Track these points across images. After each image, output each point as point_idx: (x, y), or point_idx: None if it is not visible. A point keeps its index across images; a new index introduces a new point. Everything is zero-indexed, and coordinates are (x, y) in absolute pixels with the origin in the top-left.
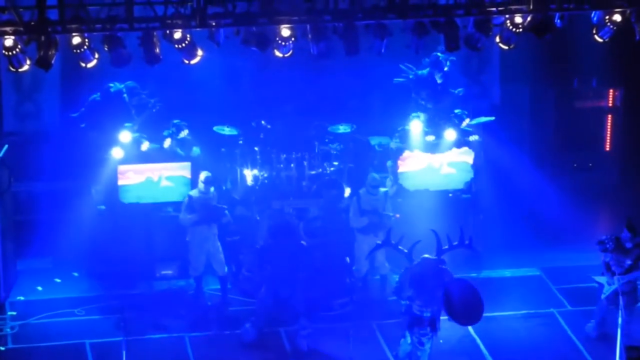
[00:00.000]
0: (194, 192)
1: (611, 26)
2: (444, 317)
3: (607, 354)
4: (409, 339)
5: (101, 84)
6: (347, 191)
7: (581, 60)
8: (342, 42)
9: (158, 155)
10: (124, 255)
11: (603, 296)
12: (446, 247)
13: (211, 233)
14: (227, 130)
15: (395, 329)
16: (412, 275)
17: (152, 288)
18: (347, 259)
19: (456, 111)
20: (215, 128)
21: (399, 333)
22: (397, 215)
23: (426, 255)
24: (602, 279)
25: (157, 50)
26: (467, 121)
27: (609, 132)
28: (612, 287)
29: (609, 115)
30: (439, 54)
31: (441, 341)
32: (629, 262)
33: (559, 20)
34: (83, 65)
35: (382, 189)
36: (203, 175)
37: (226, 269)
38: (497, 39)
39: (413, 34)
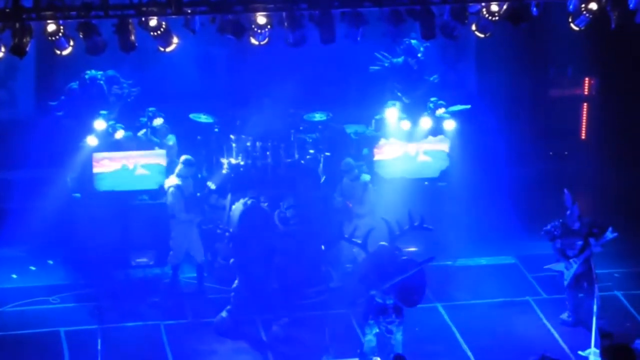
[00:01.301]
0: (175, 181)
1: (587, 14)
2: None
3: (582, 341)
4: (375, 330)
5: (76, 72)
6: (322, 179)
7: (557, 48)
8: (318, 30)
9: (132, 143)
10: (99, 244)
11: (566, 282)
12: (398, 232)
13: (196, 221)
14: (203, 118)
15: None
16: (369, 263)
17: (128, 276)
18: (322, 247)
19: (432, 99)
20: (191, 116)
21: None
22: (350, 204)
23: (382, 243)
24: (559, 266)
25: (133, 37)
26: (442, 110)
27: (584, 121)
28: (572, 270)
29: (585, 104)
30: (412, 40)
31: (417, 329)
32: (579, 242)
33: (535, 9)
34: (58, 52)
35: (366, 177)
36: (183, 157)
37: (203, 254)
38: (473, 27)
39: (389, 22)
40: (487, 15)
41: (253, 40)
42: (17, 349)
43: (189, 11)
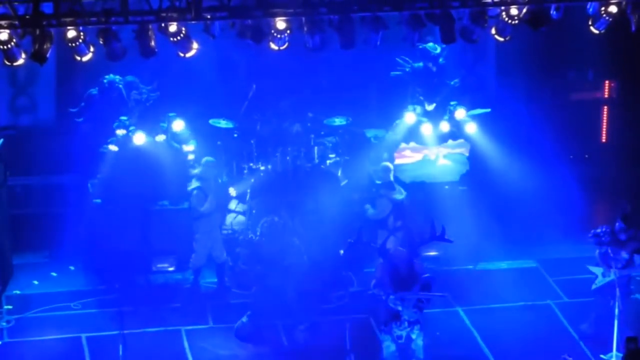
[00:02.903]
0: (197, 184)
1: (607, 17)
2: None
3: (604, 345)
4: (388, 336)
5: (97, 78)
6: (343, 183)
7: (577, 51)
8: (338, 35)
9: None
10: (120, 249)
11: (594, 287)
12: (418, 241)
13: (219, 220)
14: (223, 124)
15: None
16: (385, 268)
17: (149, 281)
18: (341, 251)
19: (452, 103)
20: (211, 121)
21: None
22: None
23: (400, 249)
24: (597, 270)
25: (153, 43)
26: (463, 113)
27: (605, 124)
28: (607, 279)
29: (605, 107)
30: (427, 44)
31: (438, 333)
32: (625, 255)
33: (554, 12)
34: (78, 58)
35: (400, 196)
36: (204, 159)
37: (225, 254)
38: (493, 31)
39: (408, 27)
40: (506, 19)
41: (273, 45)
42: (39, 355)
43: (209, 16)
